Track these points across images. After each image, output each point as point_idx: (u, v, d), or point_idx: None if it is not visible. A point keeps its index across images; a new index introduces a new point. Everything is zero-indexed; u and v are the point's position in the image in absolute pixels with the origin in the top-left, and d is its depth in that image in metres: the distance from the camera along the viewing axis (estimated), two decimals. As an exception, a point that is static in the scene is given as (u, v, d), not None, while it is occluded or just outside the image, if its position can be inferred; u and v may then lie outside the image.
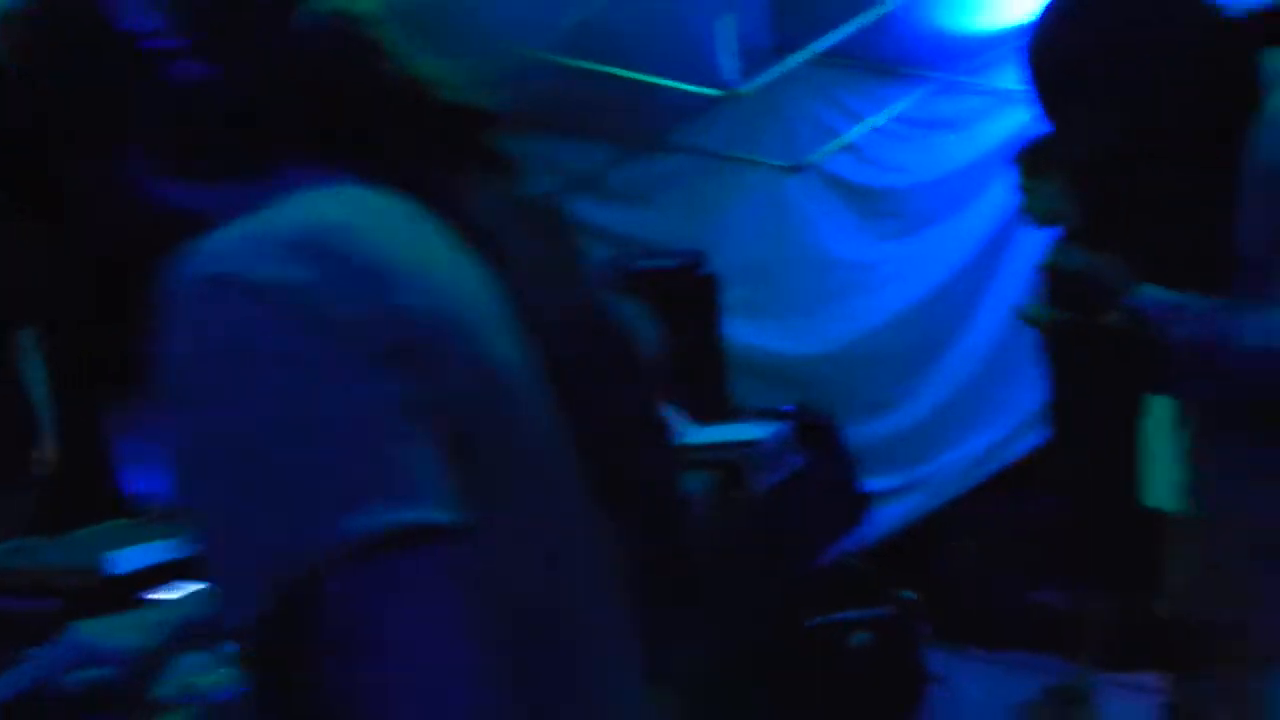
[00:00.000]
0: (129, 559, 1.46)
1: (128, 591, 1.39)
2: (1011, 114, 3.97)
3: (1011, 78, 3.66)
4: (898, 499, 4.55)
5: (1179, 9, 1.23)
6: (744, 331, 4.29)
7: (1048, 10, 1.30)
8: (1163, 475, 2.78)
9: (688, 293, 3.68)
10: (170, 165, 0.70)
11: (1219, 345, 1.14)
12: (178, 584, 1.37)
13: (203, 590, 0.97)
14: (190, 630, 1.00)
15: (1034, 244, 3.10)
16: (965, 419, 4.46)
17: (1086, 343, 1.35)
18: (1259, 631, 1.23)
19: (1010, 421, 4.36)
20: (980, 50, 3.95)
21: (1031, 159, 2.97)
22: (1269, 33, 1.24)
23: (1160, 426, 2.77)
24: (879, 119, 4.23)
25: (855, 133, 4.27)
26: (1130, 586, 2.85)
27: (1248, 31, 1.24)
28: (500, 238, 0.68)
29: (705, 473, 2.30)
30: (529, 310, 0.67)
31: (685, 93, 3.35)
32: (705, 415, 3.09)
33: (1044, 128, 1.46)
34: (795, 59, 3.41)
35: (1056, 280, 1.30)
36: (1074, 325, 1.29)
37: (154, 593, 1.39)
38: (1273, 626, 1.21)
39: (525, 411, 0.65)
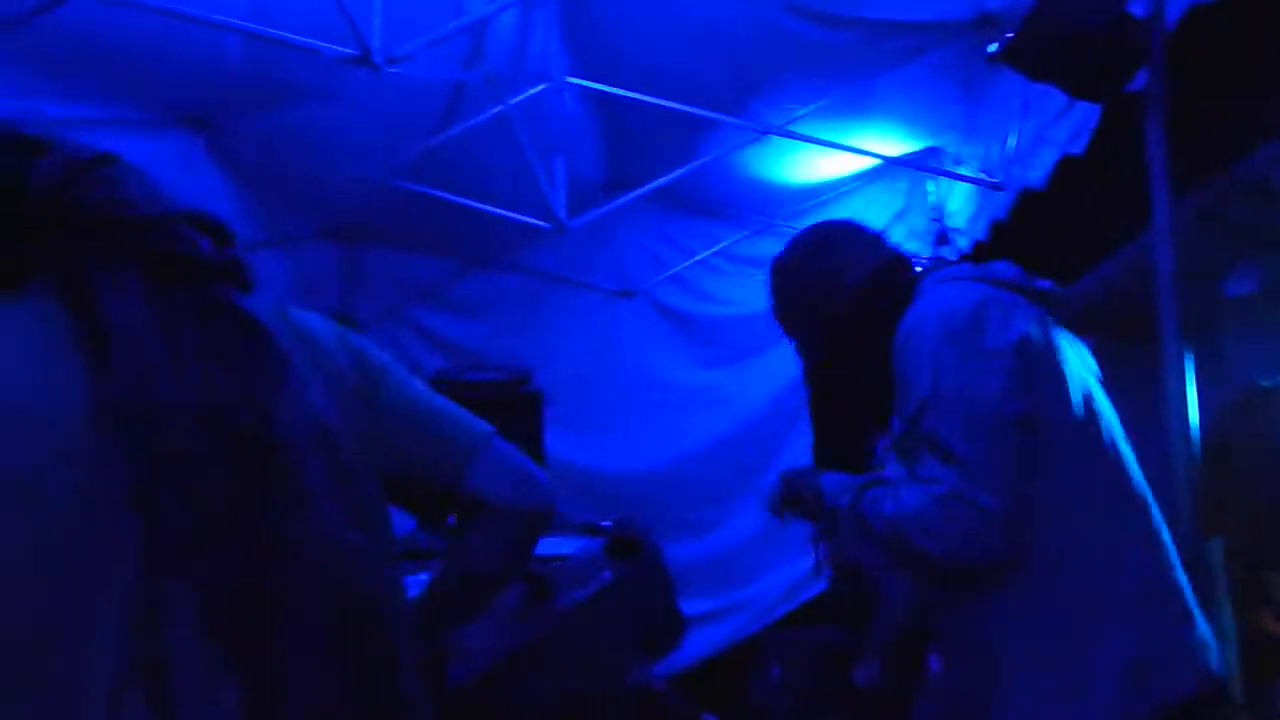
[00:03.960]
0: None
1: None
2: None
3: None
4: (715, 622, 4.63)
5: (863, 254, 1.57)
6: (568, 447, 4.36)
7: (781, 253, 1.65)
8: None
9: (513, 407, 3.75)
10: None
11: (867, 513, 1.36)
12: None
13: None
14: None
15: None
16: (781, 545, 4.58)
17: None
18: None
19: (824, 549, 4.54)
20: (793, 199, 4.28)
21: None
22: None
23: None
24: (704, 254, 4.52)
25: (682, 265, 4.54)
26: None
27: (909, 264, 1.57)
28: (121, 338, 0.68)
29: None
30: (129, 409, 0.68)
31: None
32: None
33: None
34: (623, 199, 3.64)
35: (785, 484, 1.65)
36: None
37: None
38: None
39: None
